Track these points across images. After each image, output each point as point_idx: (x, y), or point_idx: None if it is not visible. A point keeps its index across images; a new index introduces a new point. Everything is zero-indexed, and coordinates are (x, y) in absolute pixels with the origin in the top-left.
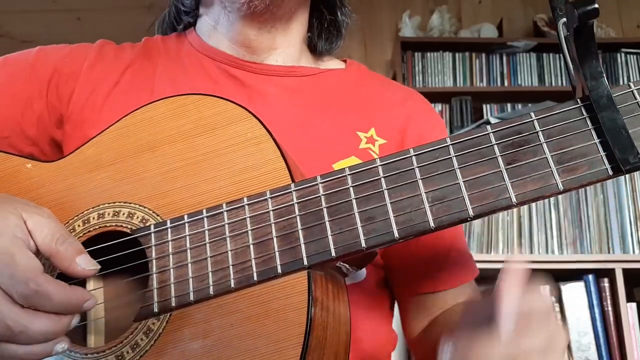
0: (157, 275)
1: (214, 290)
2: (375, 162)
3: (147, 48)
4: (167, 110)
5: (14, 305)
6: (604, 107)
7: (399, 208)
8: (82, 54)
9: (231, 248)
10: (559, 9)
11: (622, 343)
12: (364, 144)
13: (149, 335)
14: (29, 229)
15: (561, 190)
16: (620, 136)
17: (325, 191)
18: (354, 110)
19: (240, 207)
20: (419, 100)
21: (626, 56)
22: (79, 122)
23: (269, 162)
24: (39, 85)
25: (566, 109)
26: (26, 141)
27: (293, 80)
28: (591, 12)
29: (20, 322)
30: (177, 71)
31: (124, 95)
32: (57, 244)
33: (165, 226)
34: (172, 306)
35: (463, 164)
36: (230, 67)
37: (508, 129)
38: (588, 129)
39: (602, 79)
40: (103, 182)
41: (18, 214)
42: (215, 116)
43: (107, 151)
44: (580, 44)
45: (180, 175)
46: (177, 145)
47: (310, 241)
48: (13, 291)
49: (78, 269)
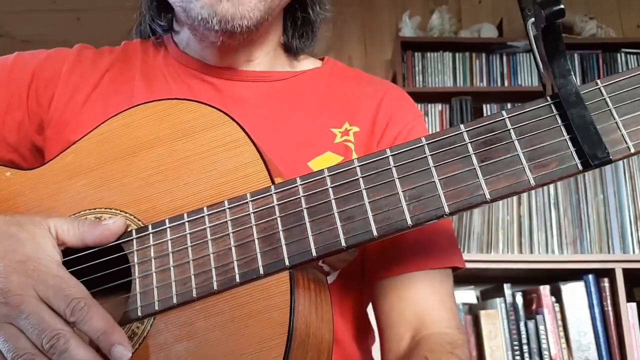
0: (139, 280)
1: (197, 293)
2: (353, 163)
3: (125, 52)
4: (145, 115)
5: (66, 324)
6: (572, 104)
7: (377, 207)
8: (60, 58)
9: (213, 251)
10: (527, 9)
11: (622, 343)
12: (339, 139)
13: (133, 339)
14: (53, 234)
15: (533, 185)
16: (589, 132)
17: (305, 192)
18: (328, 109)
19: (221, 210)
20: (391, 89)
21: (626, 56)
22: (60, 127)
23: (248, 164)
24: (18, 91)
25: (536, 107)
26: (7, 148)
27: (266, 85)
28: (558, 12)
29: (70, 341)
30: (155, 76)
31: (103, 98)
32: (80, 227)
33: (147, 231)
34: (156, 310)
35: (438, 162)
36: (205, 74)
37: (481, 128)
38: (558, 125)
39: (570, 76)
40: (84, 189)
41: (45, 228)
42: (193, 120)
43: (87, 157)
44: (548, 43)
45: (160, 179)
46: (156, 150)
47: (291, 242)
48: (67, 309)
49: (111, 226)
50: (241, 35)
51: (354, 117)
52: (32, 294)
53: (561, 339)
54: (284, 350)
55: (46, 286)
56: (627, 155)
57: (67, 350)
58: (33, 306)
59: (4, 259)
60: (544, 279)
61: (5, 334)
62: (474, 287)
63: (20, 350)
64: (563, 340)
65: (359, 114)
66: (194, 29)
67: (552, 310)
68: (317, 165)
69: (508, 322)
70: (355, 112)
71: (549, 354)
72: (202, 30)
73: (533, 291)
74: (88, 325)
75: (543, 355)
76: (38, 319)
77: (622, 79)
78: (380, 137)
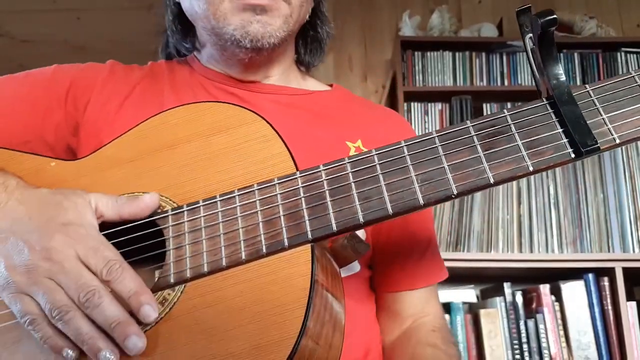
0: (173, 251)
1: (227, 262)
2: (371, 152)
3: (153, 71)
4: (184, 115)
5: (102, 282)
6: (565, 102)
7: (392, 188)
8: (95, 71)
9: (242, 226)
10: (525, 25)
11: (622, 342)
12: (353, 152)
13: (164, 304)
14: (94, 206)
15: (531, 170)
16: (579, 124)
17: (327, 176)
18: (342, 123)
19: (251, 191)
20: (398, 119)
21: (626, 55)
22: (93, 131)
23: (276, 155)
24: (57, 95)
25: (534, 106)
26: (45, 146)
27: (285, 97)
28: (551, 20)
29: (103, 296)
30: (182, 89)
31: (135, 107)
32: (119, 202)
33: (182, 209)
34: (187, 277)
35: (447, 151)
36: (228, 86)
37: (485, 123)
38: (552, 121)
39: (562, 78)
40: (124, 177)
41: (86, 199)
42: (228, 119)
43: (126, 150)
44: (543, 49)
45: (196, 168)
46: (194, 143)
47: (314, 218)
48: (104, 269)
49: (147, 199)
50: (267, 51)
51: (367, 137)
52: (73, 253)
53: (561, 338)
54: (304, 312)
55: (86, 247)
56: (613, 145)
57: (100, 305)
58: (73, 263)
59: (50, 221)
60: (544, 278)
61: (46, 287)
62: (474, 286)
63: (58, 302)
64: (563, 339)
65: (372, 136)
66: (223, 49)
67: (552, 309)
68: None
69: (508, 321)
70: (368, 133)
71: (548, 353)
72: (233, 49)
73: (533, 290)
74: (121, 285)
75: (543, 354)
76: (77, 275)
77: (607, 83)
78: None
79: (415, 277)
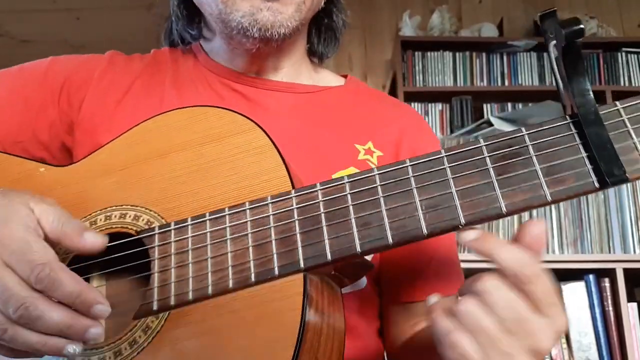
0: (158, 275)
1: (213, 290)
2: (372, 171)
3: (156, 60)
4: (177, 120)
5: (32, 290)
6: (591, 123)
7: (393, 215)
8: (93, 63)
9: (231, 250)
10: (549, 32)
11: (623, 343)
12: (362, 155)
13: (147, 332)
14: (37, 216)
15: (549, 201)
16: (606, 150)
17: (324, 197)
18: (352, 124)
19: (242, 210)
20: (413, 116)
21: (627, 55)
22: (89, 129)
23: (271, 169)
24: (51, 92)
25: (555, 125)
26: (38, 146)
27: (292, 96)
28: (577, 31)
29: (39, 307)
30: (184, 83)
31: (135, 102)
32: (63, 227)
33: (169, 228)
34: (171, 305)
35: (456, 174)
36: (233, 82)
37: (500, 142)
38: (576, 143)
39: (590, 96)
40: (112, 187)
41: (26, 204)
42: (222, 127)
43: (117, 157)
44: (568, 62)
45: (186, 181)
46: (185, 152)
47: (308, 245)
48: (31, 276)
49: (87, 242)
50: (276, 42)
51: (377, 139)
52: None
53: (562, 339)
54: (293, 352)
55: (9, 251)
56: None
57: (40, 317)
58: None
59: None
60: None
61: None
62: None
63: None
64: (563, 340)
65: (383, 137)
66: (230, 37)
67: None
68: None
69: None
70: (379, 134)
71: (549, 354)
72: (240, 38)
73: None
74: (59, 292)
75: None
76: (1, 288)
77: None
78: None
79: (428, 287)
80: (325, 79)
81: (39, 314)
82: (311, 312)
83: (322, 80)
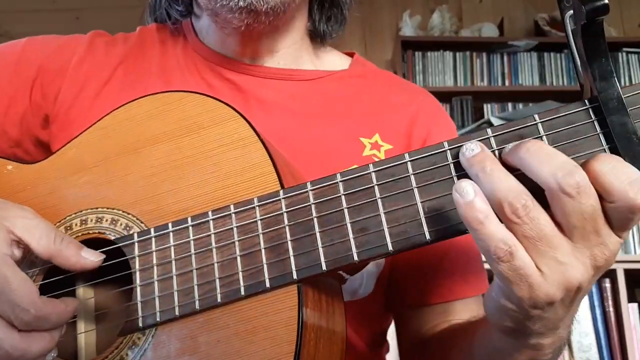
0: (141, 288)
1: (200, 305)
2: (367, 169)
3: (141, 40)
4: (150, 108)
5: (13, 331)
6: (613, 111)
7: (393, 219)
8: (70, 48)
9: (217, 260)
10: (565, 1)
11: (624, 344)
12: (368, 151)
13: (134, 350)
14: (18, 236)
15: None
16: (630, 142)
17: (316, 199)
18: (357, 115)
19: (226, 215)
20: (426, 99)
21: (627, 55)
22: (66, 123)
23: (256, 165)
24: (23, 84)
25: (572, 112)
26: (8, 142)
27: (291, 84)
28: (600, 8)
29: (20, 347)
30: (172, 71)
31: (116, 94)
32: (56, 244)
33: (149, 235)
34: (157, 321)
35: (460, 171)
36: (226, 69)
37: (509, 133)
38: (596, 133)
39: (613, 79)
40: (85, 186)
41: (1, 225)
42: (200, 115)
43: (89, 152)
44: (588, 41)
45: (165, 179)
46: (160, 146)
47: (300, 253)
48: (13, 317)
49: (87, 262)
50: (267, 17)
51: (385, 130)
52: None
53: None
54: None
55: None
56: None
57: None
58: None
59: None
60: None
61: None
62: None
63: None
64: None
65: (392, 128)
66: (215, 14)
67: None
68: None
69: None
70: (388, 125)
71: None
72: (225, 14)
73: None
74: (18, 320)
75: None
76: None
77: None
78: None
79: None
80: (328, 62)
81: (21, 353)
82: (307, 324)
83: (325, 64)
